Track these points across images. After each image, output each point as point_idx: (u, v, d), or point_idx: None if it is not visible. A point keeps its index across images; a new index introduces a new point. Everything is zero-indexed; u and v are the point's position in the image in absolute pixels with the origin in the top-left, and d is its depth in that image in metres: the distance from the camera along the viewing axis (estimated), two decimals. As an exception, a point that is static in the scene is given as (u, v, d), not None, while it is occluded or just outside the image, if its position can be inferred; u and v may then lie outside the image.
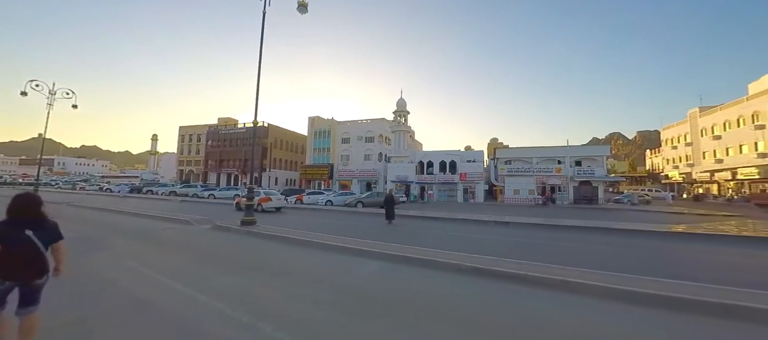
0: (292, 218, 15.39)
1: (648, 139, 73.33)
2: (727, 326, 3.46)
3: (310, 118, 53.46)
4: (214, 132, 58.31)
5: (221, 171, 55.67)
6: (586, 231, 11.37)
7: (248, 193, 10.70)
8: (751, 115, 32.95)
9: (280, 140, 57.19)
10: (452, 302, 4.10)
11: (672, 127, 49.20)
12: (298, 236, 8.49)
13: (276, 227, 10.61)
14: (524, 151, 36.97)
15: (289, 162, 59.48)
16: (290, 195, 28.17)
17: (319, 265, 6.02)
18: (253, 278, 5.05)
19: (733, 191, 35.43)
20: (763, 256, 7.51)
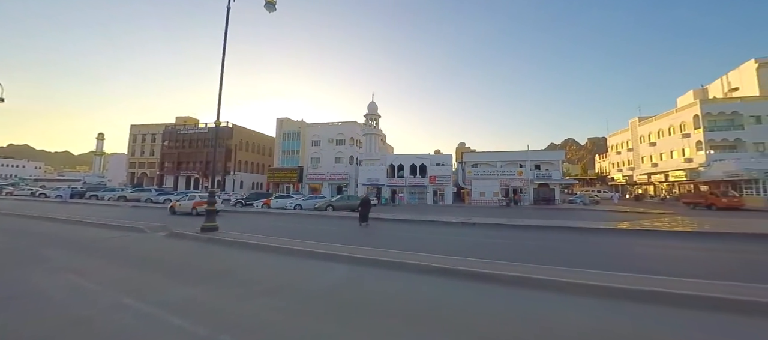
0: (259, 223, 14.76)
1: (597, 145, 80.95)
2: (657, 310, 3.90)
3: (278, 119, 51.74)
4: (172, 132, 54.26)
5: (179, 174, 51.91)
6: (545, 230, 12.20)
7: (209, 197, 10.09)
8: (679, 125, 37.54)
9: (245, 142, 54.68)
10: (419, 303, 4.18)
11: (616, 134, 54.49)
12: (264, 242, 8.16)
13: (240, 232, 10.12)
14: (489, 156, 38.80)
15: (256, 165, 57.03)
16: (256, 199, 26.99)
17: (286, 271, 5.84)
18: (214, 288, 4.77)
19: (665, 191, 40.02)
20: (689, 248, 8.56)
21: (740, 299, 3.97)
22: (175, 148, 53.12)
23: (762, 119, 32.37)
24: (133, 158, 61.39)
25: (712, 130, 33.47)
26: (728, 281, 4.79)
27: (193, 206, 17.85)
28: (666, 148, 39.65)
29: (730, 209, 23.62)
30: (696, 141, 34.52)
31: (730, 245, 8.83)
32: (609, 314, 3.80)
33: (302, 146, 47.57)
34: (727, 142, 32.93)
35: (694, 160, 34.39)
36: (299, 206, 23.03)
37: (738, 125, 32.90)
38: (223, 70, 10.17)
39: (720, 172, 30.40)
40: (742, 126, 32.70)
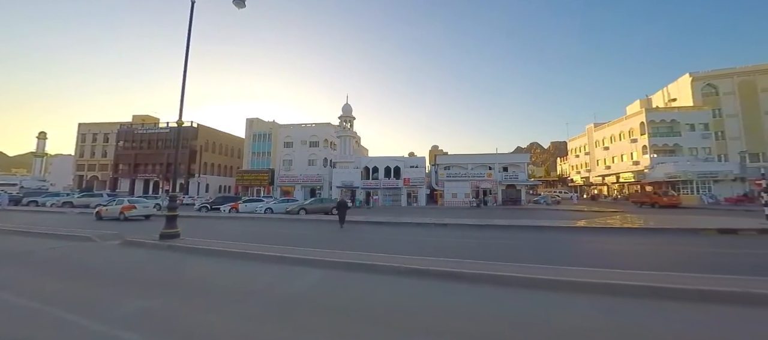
0: (227, 229, 14.08)
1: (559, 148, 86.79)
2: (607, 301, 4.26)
3: (248, 119, 49.79)
4: (128, 131, 50.23)
5: (137, 177, 48.10)
6: (512, 229, 12.82)
7: (170, 202, 9.45)
8: (627, 131, 41.27)
9: (212, 143, 51.96)
10: (392, 305, 4.22)
11: (575, 139, 58.69)
12: (232, 248, 7.80)
13: (205, 239, 9.58)
14: (461, 158, 40.06)
15: (224, 167, 54.38)
16: (224, 203, 25.71)
17: (255, 278, 5.62)
18: (176, 299, 4.48)
19: (617, 191, 43.73)
20: (636, 243, 9.43)
21: (677, 287, 4.44)
22: (131, 149, 49.16)
23: (695, 127, 36.49)
24: (81, 160, 55.96)
25: (655, 136, 37.13)
26: (667, 272, 5.35)
27: (121, 211, 17.01)
28: (617, 152, 43.34)
29: (669, 207, 26.33)
30: (642, 146, 38.11)
31: (669, 239, 9.84)
32: (571, 307, 4.08)
33: (274, 148, 46.07)
34: (668, 147, 36.69)
35: (640, 163, 37.94)
36: (270, 210, 22.27)
37: (676, 132, 36.80)
38: (186, 67, 9.61)
39: (662, 173, 33.81)
40: (679, 133, 36.62)
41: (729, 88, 38.85)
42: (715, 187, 32.04)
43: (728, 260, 7.05)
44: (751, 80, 38.42)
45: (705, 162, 34.22)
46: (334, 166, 40.92)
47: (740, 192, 30.64)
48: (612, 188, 44.94)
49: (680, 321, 3.58)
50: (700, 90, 39.74)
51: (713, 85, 39.55)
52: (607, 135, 45.90)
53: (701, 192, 31.73)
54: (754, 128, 37.39)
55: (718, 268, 5.99)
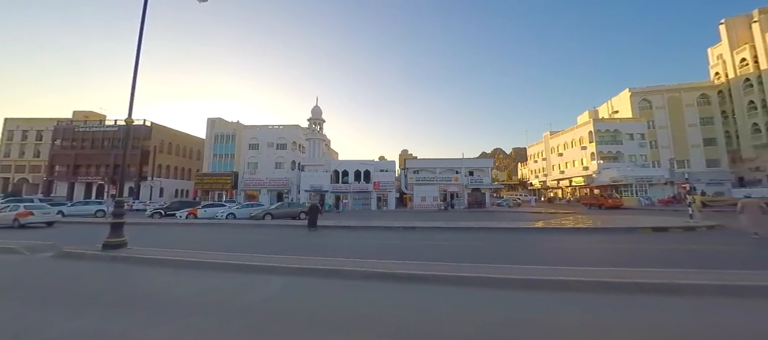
0: (183, 236, 13.08)
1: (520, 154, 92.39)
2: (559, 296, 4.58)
3: (209, 119, 46.87)
4: (67, 129, 44.97)
5: (77, 180, 43.14)
6: (477, 231, 13.35)
7: (116, 208, 8.58)
8: (578, 139, 45.17)
9: (168, 143, 48.20)
10: (357, 310, 4.17)
11: (534, 145, 62.93)
12: (187, 257, 7.24)
13: (156, 248, 8.81)
14: (430, 163, 41.10)
15: (181, 169, 50.67)
16: (180, 208, 23.88)
17: (213, 288, 5.26)
18: (120, 317, 4.04)
19: (570, 194, 47.54)
20: (584, 241, 10.27)
21: (619, 281, 4.90)
22: (71, 148, 44.01)
23: (634, 136, 40.86)
24: (7, 160, 49.03)
25: (601, 144, 40.98)
26: (610, 267, 5.89)
27: (15, 218, 15.31)
28: (570, 158, 47.16)
29: (613, 208, 29.12)
30: (590, 153, 41.84)
31: (612, 237, 10.86)
32: (527, 303, 4.32)
33: (238, 150, 43.82)
34: (612, 154, 40.64)
35: (589, 168, 41.60)
36: (232, 216, 21.08)
37: (618, 141, 40.93)
38: (138, 59, 8.82)
39: (607, 178, 37.35)
40: (621, 141, 40.77)
41: (660, 103, 44.14)
42: (651, 190, 36.05)
43: (660, 255, 7.92)
44: (678, 96, 44.01)
45: (642, 168, 38.40)
46: (302, 170, 39.90)
47: (670, 194, 34.79)
48: (566, 191, 48.74)
49: (623, 311, 3.95)
50: (638, 104, 44.69)
51: (648, 100, 44.67)
52: (561, 142, 49.78)
53: (639, 194, 35.53)
54: (680, 139, 42.79)
55: (651, 262, 6.72)
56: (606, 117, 48.29)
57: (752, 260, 7.06)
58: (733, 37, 41.87)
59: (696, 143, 42.32)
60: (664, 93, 44.44)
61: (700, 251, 8.23)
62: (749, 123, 39.54)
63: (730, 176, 40.46)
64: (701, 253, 7.92)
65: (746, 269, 5.68)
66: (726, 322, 3.60)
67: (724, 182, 39.45)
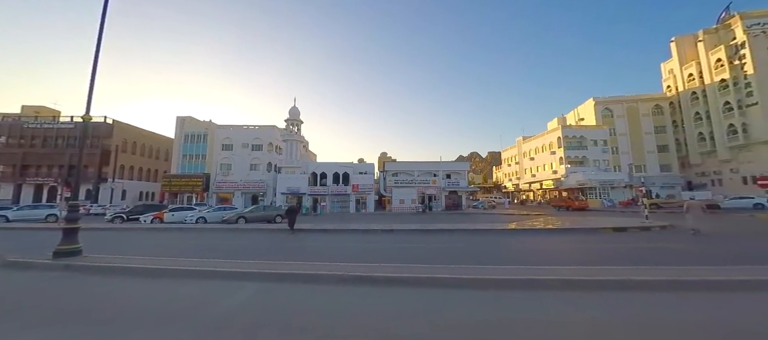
0: (147, 242, 12.29)
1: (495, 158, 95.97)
2: (528, 294, 4.79)
3: (179, 118, 44.53)
4: (14, 125, 40.89)
5: (25, 181, 39.30)
6: (454, 233, 13.65)
7: (70, 212, 7.90)
8: (548, 144, 47.61)
9: (132, 143, 45.22)
10: (331, 316, 4.13)
11: (508, 150, 65.48)
12: (150, 265, 6.81)
13: (116, 255, 8.21)
14: (408, 165, 41.52)
15: (147, 171, 47.70)
16: (145, 212, 22.44)
17: (179, 298, 4.98)
18: (73, 333, 3.73)
19: (541, 197, 49.89)
20: (553, 241, 10.81)
21: (582, 279, 5.21)
22: (18, 146, 40.04)
23: (597, 143, 43.66)
24: (-62, 159, 43.58)
25: (568, 149, 43.40)
26: (575, 266, 6.25)
27: None
28: (541, 163, 49.52)
29: (580, 210, 30.90)
30: (559, 157, 44.19)
31: (577, 237, 11.52)
32: (499, 302, 4.47)
33: (210, 150, 41.96)
34: (578, 158, 43.16)
35: (558, 172, 43.91)
36: (203, 220, 20.08)
37: (584, 146, 43.55)
38: (98, 49, 8.21)
39: (574, 181, 39.59)
40: (586, 147, 43.41)
41: (620, 112, 47.54)
42: (612, 192, 38.63)
43: (619, 253, 8.50)
44: (635, 106, 47.62)
45: (605, 172, 41.09)
46: (279, 172, 38.88)
47: (629, 197, 37.47)
48: (537, 193, 51.07)
49: (584, 308, 4.19)
50: (601, 112, 47.83)
51: (609, 109, 47.95)
52: (532, 147, 52.18)
53: (602, 197, 37.95)
54: (637, 145, 46.28)
55: (612, 260, 7.20)
56: (573, 124, 51.21)
57: (694, 255, 7.76)
58: (682, 54, 46.04)
59: (651, 150, 45.96)
60: (623, 103, 47.94)
61: (653, 248, 8.94)
62: (696, 132, 43.56)
63: (680, 179, 44.28)
64: (654, 251, 8.60)
65: (690, 265, 6.24)
66: (675, 315, 3.93)
67: (675, 185, 43.09)
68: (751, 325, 3.58)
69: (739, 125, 37.95)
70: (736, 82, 38.65)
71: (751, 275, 5.10)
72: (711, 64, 41.33)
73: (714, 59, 40.98)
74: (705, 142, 42.48)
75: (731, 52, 39.25)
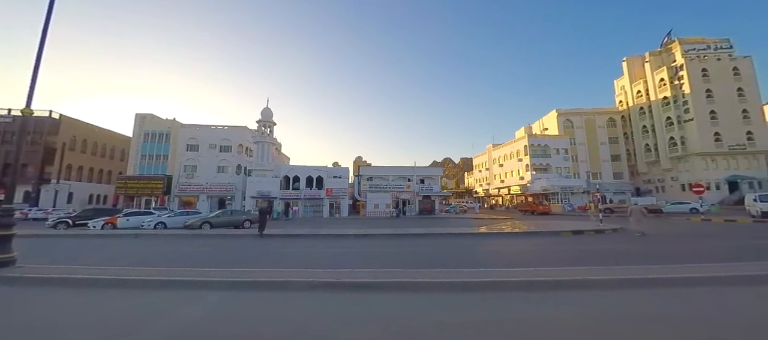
0: (97, 250, 11.23)
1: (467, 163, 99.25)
2: (493, 295, 4.98)
3: (139, 115, 41.48)
4: (-66, 118, 35.75)
5: (-55, 182, 34.29)
6: (426, 237, 13.86)
7: (2, 216, 7.01)
8: (516, 151, 50.14)
9: (83, 140, 41.36)
10: (298, 324, 4.03)
11: (479, 156, 68.02)
12: (99, 275, 6.23)
13: (58, 265, 7.43)
14: (383, 170, 41.70)
15: (99, 171, 43.80)
16: (95, 217, 20.52)
17: (131, 310, 4.60)
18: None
19: (509, 202, 52.25)
20: (518, 244, 11.34)
21: (542, 280, 5.51)
22: (-62, 142, 35.01)
23: (560, 151, 46.66)
24: None
25: (534, 157, 45.94)
26: (536, 267, 6.59)
27: None
28: (509, 169, 51.92)
29: (544, 214, 32.72)
30: (526, 164, 46.62)
31: (540, 240, 12.18)
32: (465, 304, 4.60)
33: (173, 151, 39.41)
34: (542, 166, 45.79)
35: (525, 178, 46.27)
36: (162, 225, 18.71)
37: (548, 154, 46.32)
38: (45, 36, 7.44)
39: (539, 187, 41.90)
40: (550, 155, 46.21)
41: (579, 123, 51.26)
42: (572, 198, 41.37)
43: (576, 254, 9.10)
44: (592, 118, 51.60)
45: (566, 178, 43.93)
46: (249, 175, 37.36)
47: (587, 202, 40.32)
48: (505, 198, 53.40)
49: (544, 307, 4.44)
50: (563, 123, 51.27)
51: (570, 120, 51.54)
52: (502, 154, 54.61)
53: (563, 202, 40.51)
54: (594, 154, 50.08)
55: (570, 261, 7.69)
56: (538, 133, 54.36)
57: (638, 255, 8.51)
58: (632, 72, 50.73)
59: (606, 158, 49.95)
60: (582, 115, 51.79)
61: (605, 250, 9.68)
62: (643, 143, 48.03)
63: (630, 186, 48.48)
64: (605, 252, 9.31)
65: (633, 264, 6.83)
66: (623, 310, 4.27)
67: (626, 191, 47.09)
68: (685, 316, 3.98)
69: (678, 138, 42.42)
70: (676, 99, 43.27)
71: (684, 273, 5.69)
72: (655, 82, 45.93)
73: (658, 78, 45.61)
74: (650, 153, 46.93)
75: (672, 73, 43.93)
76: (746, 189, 36.17)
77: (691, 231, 14.70)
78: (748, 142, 39.87)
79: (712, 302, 4.52)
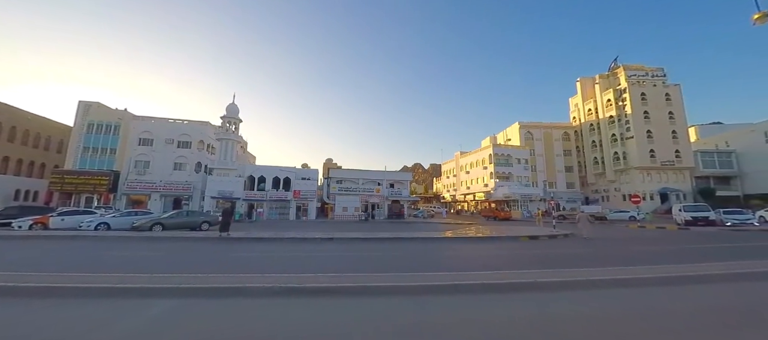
0: (23, 254, 9.86)
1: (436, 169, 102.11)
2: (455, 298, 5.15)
3: (82, 103, 37.39)
4: None
5: None
6: (393, 241, 13.97)
7: None
8: (481, 160, 52.57)
9: (10, 128, 36.35)
10: (258, 332, 3.86)
11: (448, 163, 70.24)
12: (22, 283, 5.47)
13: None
14: (353, 173, 41.46)
15: (30, 164, 38.71)
16: (21, 215, 18.05)
17: (57, 324, 4.09)
18: None
19: (474, 207, 54.48)
20: (480, 248, 11.84)
21: (498, 282, 5.80)
22: None
23: (520, 161, 49.68)
24: None
25: (498, 166, 48.43)
26: (494, 271, 6.94)
27: None
28: (475, 176, 54.20)
29: (505, 219, 34.54)
30: (490, 172, 48.98)
31: (500, 244, 12.83)
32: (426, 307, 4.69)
33: (122, 144, 35.98)
34: (505, 174, 48.41)
35: (489, 185, 48.56)
36: (105, 226, 16.91)
37: (510, 164, 49.09)
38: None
39: (501, 194, 44.18)
40: (512, 164, 49.01)
41: (539, 136, 55.04)
42: (531, 205, 44.16)
43: (531, 258, 9.71)
44: (550, 132, 55.68)
45: (525, 187, 46.82)
46: (210, 173, 35.16)
47: (543, 209, 43.26)
48: (471, 204, 55.59)
49: (502, 308, 4.68)
50: (524, 135, 54.70)
51: (531, 132, 55.16)
52: (468, 162, 56.90)
53: (523, 209, 43.10)
54: (550, 165, 53.98)
55: (525, 264, 8.18)
56: (502, 143, 57.48)
57: (583, 259, 9.30)
58: (584, 92, 55.64)
59: (560, 169, 54.08)
60: (541, 128, 55.70)
61: (556, 254, 10.44)
62: (592, 157, 52.75)
63: (581, 195, 52.87)
64: (557, 256, 10.04)
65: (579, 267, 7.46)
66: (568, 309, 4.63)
67: (577, 200, 51.25)
68: (624, 314, 4.42)
69: (621, 153, 47.20)
70: (620, 118, 48.18)
71: (618, 275, 6.32)
72: (604, 102, 50.81)
73: (605, 99, 50.50)
74: (598, 165, 51.65)
75: (617, 95, 48.90)
76: (674, 200, 41.15)
77: (629, 236, 16.36)
78: (676, 159, 45.45)
79: (641, 301, 5.07)
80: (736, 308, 4.80)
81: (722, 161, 46.76)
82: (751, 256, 9.19)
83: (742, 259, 8.48)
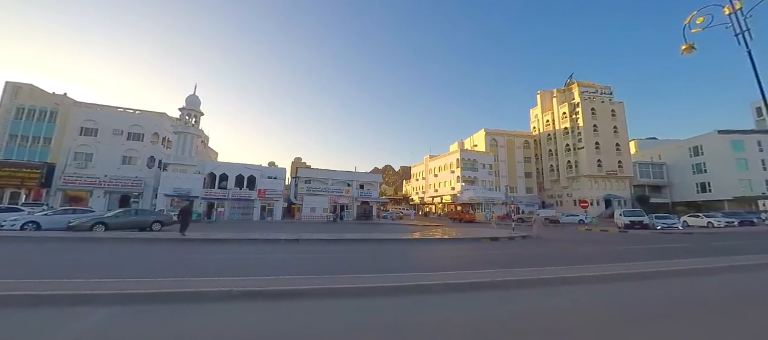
0: None
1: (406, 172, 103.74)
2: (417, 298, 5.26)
3: (10, 84, 32.78)
4: None
5: None
6: (361, 242, 13.92)
7: None
8: (449, 164, 54.42)
9: None
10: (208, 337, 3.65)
11: (417, 166, 71.67)
12: None
13: None
14: (322, 173, 40.73)
15: (-64, 152, 32.94)
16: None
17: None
18: None
19: (441, 210, 56.12)
20: (445, 249, 12.21)
21: (461, 282, 6.03)
22: None
23: (485, 166, 52.14)
24: None
25: (464, 170, 50.39)
26: (457, 271, 7.20)
27: None
28: (443, 179, 55.87)
29: (470, 222, 35.97)
30: (457, 176, 50.78)
31: (463, 245, 13.35)
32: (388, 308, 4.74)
33: (59, 133, 32.06)
34: (471, 178, 50.49)
35: (455, 189, 50.31)
36: (34, 225, 14.93)
37: (475, 168, 51.32)
38: None
39: (467, 197, 45.97)
40: (477, 169, 51.27)
41: (502, 143, 58.18)
42: (494, 208, 46.47)
43: (491, 258, 10.21)
44: (512, 140, 59.09)
45: (489, 191, 49.18)
46: (165, 169, 32.55)
47: (505, 212, 45.75)
48: (438, 207, 57.19)
49: (462, 307, 4.86)
50: (489, 141, 57.53)
51: (495, 139, 58.15)
52: (437, 165, 58.53)
53: (486, 211, 45.22)
54: (512, 171, 57.28)
55: (485, 264, 8.59)
56: (469, 148, 59.94)
57: (537, 259, 10.00)
58: (543, 104, 59.89)
59: (521, 175, 57.63)
60: (505, 135, 58.96)
61: (513, 254, 11.10)
62: (548, 164, 56.88)
63: (538, 200, 56.71)
64: (515, 256, 10.67)
65: (531, 267, 8.00)
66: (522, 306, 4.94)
67: (535, 204, 54.91)
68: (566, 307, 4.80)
69: (573, 162, 51.41)
70: (573, 130, 52.49)
71: (565, 274, 6.87)
72: (559, 115, 55.07)
73: (561, 112, 54.78)
74: (554, 173, 55.80)
75: (571, 109, 53.24)
76: (616, 206, 45.67)
77: (578, 238, 17.85)
78: (618, 169, 50.50)
79: (587, 296, 5.55)
80: (660, 300, 5.45)
81: (655, 172, 52.83)
82: (670, 256, 10.48)
83: (667, 258, 9.64)
